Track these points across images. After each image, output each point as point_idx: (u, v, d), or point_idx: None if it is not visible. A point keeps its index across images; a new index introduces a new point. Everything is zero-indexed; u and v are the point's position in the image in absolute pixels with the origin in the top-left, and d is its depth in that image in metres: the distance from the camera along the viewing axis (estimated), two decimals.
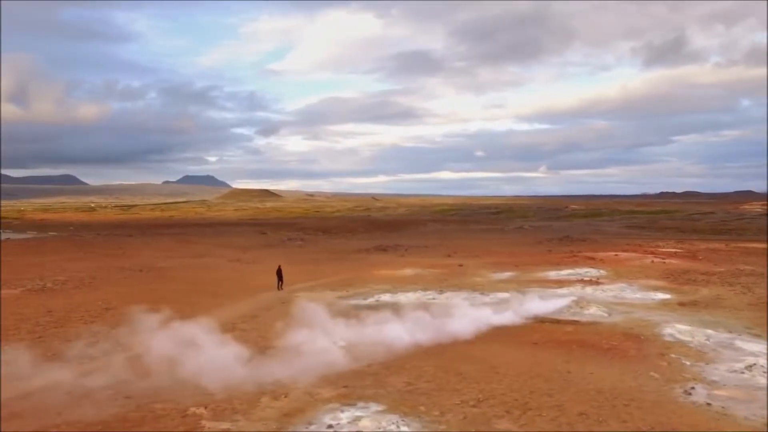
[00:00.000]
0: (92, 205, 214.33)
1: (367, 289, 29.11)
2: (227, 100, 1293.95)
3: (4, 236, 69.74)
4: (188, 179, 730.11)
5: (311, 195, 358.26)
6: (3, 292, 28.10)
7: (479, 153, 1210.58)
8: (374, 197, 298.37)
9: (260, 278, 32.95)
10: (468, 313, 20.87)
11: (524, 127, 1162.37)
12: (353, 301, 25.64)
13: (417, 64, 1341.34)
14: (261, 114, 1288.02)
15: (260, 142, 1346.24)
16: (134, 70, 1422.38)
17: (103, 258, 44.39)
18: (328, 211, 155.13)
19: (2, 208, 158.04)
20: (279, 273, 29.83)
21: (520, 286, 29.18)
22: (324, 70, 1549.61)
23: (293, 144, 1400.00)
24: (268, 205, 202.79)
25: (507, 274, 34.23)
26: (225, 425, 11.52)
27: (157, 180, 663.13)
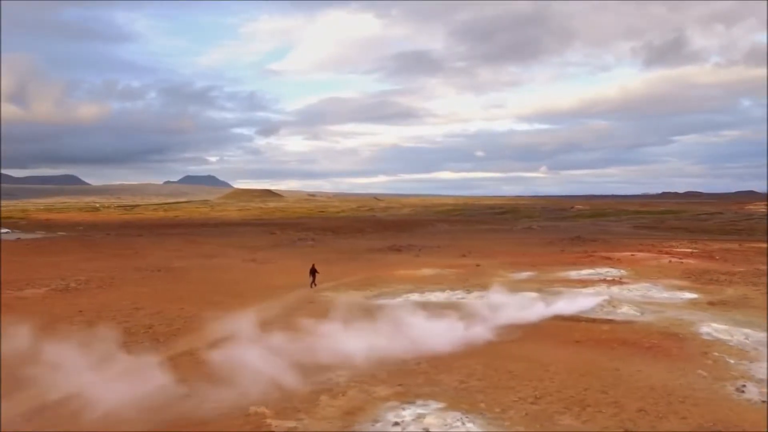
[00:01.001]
0: (96, 205, 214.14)
1: (391, 288, 29.01)
2: (227, 100, 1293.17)
3: (14, 236, 69.85)
4: (189, 179, 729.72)
5: (312, 195, 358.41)
6: (28, 291, 28.15)
7: (479, 153, 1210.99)
8: (376, 197, 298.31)
9: (278, 278, 32.91)
10: (525, 309, 21.36)
11: (524, 127, 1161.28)
12: (382, 301, 25.53)
13: (417, 64, 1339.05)
14: (261, 114, 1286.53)
15: (260, 142, 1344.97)
16: (134, 70, 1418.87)
17: (117, 258, 44.38)
18: (332, 211, 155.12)
19: (4, 208, 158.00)
20: (313, 271, 30.00)
21: (543, 285, 29.13)
22: (324, 70, 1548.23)
23: (293, 144, 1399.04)
24: (271, 205, 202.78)
25: (526, 274, 34.18)
26: (290, 423, 11.47)
27: (158, 180, 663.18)
